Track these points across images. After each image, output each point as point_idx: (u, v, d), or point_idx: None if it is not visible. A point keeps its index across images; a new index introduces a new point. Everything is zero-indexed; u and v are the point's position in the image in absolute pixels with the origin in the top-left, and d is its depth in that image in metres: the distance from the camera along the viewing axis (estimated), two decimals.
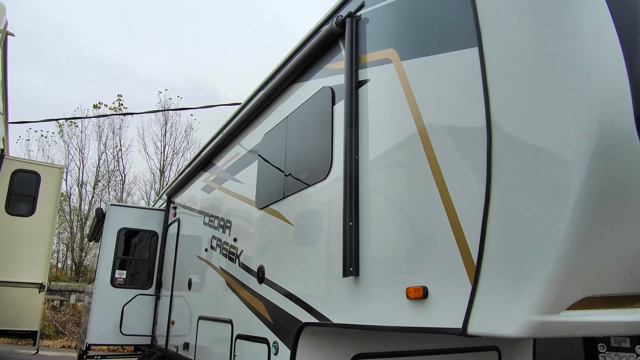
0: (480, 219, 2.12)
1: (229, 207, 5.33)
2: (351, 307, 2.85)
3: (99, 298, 8.04)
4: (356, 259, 2.84)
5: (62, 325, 19.05)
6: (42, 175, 6.56)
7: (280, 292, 3.76)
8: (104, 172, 31.13)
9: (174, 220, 8.02)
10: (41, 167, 6.77)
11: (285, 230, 3.85)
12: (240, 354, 4.37)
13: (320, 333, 3.46)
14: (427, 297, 2.31)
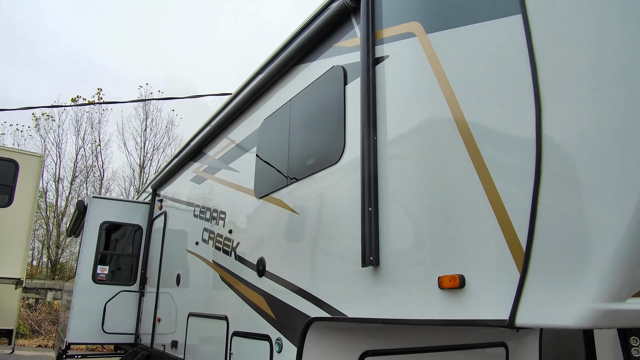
0: (528, 199, 1.92)
1: (223, 197, 5.05)
2: (370, 299, 2.62)
3: (79, 295, 7.65)
4: (376, 248, 2.62)
5: (37, 324, 18.43)
6: (21, 163, 6.16)
7: (284, 285, 3.51)
8: (81, 168, 30.34)
9: (159, 213, 7.68)
10: (20, 155, 6.37)
11: (289, 220, 3.60)
12: (238, 352, 4.11)
13: (327, 329, 3.22)
14: (464, 286, 2.10)
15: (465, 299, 2.10)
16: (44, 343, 17.18)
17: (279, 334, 3.49)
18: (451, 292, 2.16)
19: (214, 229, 5.10)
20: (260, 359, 3.67)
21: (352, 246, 2.83)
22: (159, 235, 7.43)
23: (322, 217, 3.19)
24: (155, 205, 8.01)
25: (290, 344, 3.34)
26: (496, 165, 2.10)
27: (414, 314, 2.33)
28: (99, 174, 30.66)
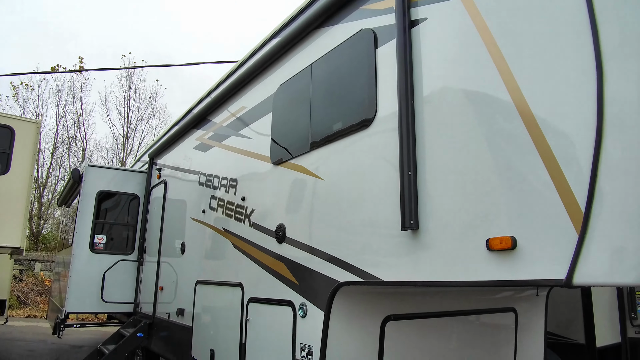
0: (586, 160, 1.92)
1: (233, 165, 4.97)
2: (408, 263, 2.63)
3: (77, 264, 7.56)
4: (416, 211, 2.61)
5: (24, 295, 18.27)
6: (17, 130, 5.96)
7: (307, 251, 3.50)
8: (63, 138, 29.65)
9: (158, 182, 7.56)
10: (15, 121, 6.15)
11: (313, 186, 3.57)
12: (255, 317, 4.12)
13: (352, 294, 3.24)
14: (516, 247, 2.11)
15: (516, 260, 2.11)
16: (32, 314, 17.08)
17: (302, 299, 3.50)
18: (501, 253, 2.17)
19: (224, 197, 5.04)
20: (282, 324, 3.69)
21: (386, 210, 2.82)
22: (159, 204, 7.33)
23: (351, 182, 3.16)
24: (153, 174, 7.88)
25: (316, 308, 3.35)
26: (550, 125, 2.09)
27: (459, 275, 2.34)
28: (82, 144, 30.02)
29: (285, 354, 3.59)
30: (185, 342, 5.51)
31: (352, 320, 3.33)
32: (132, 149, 30.06)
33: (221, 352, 4.63)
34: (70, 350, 10.80)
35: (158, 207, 7.32)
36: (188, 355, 5.38)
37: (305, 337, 3.44)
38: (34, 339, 12.12)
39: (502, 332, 4.48)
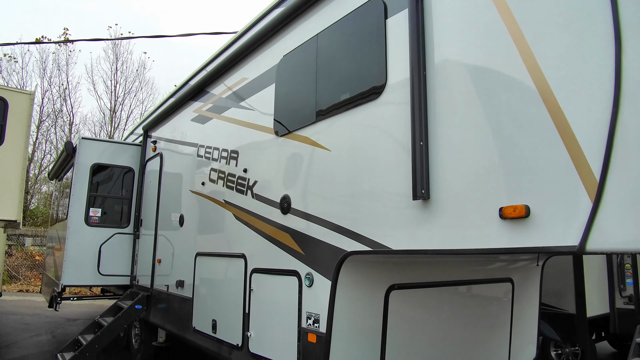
0: (601, 128, 1.94)
1: (234, 137, 4.95)
2: (419, 232, 2.66)
3: (73, 237, 7.53)
4: (427, 181, 2.63)
5: (15, 269, 18.20)
6: (10, 101, 5.83)
7: (314, 222, 3.52)
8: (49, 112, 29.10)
9: (154, 155, 7.50)
10: (8, 92, 6.00)
11: (319, 157, 3.57)
12: (259, 288, 4.16)
13: (358, 264, 3.28)
14: (529, 215, 2.15)
15: (529, 228, 2.15)
16: (24, 288, 17.06)
17: (309, 269, 3.54)
18: (514, 221, 2.21)
19: (224, 169, 5.02)
20: (287, 293, 3.73)
21: (397, 180, 2.84)
22: (154, 177, 7.29)
23: (360, 153, 3.17)
24: (148, 147, 7.81)
25: (323, 278, 3.39)
26: (566, 94, 2.10)
27: (471, 244, 2.38)
28: (68, 118, 29.52)
29: (291, 323, 3.65)
30: (186, 313, 5.57)
31: (358, 289, 3.39)
32: (119, 123, 29.66)
33: (224, 322, 4.68)
34: (66, 323, 10.85)
35: (154, 180, 7.28)
36: (189, 326, 5.44)
37: (311, 305, 3.49)
38: (28, 313, 12.14)
39: (499, 301, 4.60)
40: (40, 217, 26.41)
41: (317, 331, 3.39)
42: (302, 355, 3.51)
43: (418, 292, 3.82)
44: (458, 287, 4.18)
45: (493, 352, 4.57)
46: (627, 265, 6.97)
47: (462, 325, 4.26)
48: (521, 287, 4.72)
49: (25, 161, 6.02)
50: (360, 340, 3.44)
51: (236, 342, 4.37)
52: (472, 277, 4.31)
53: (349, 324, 3.34)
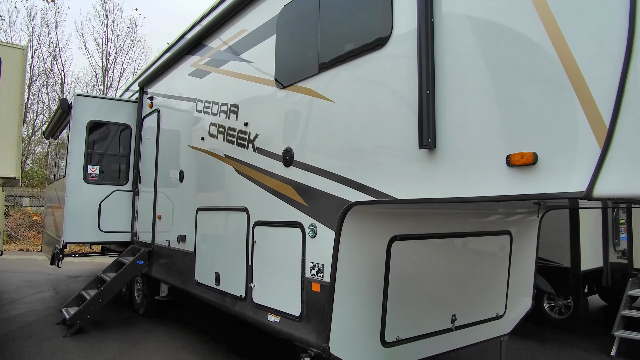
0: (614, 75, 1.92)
1: (234, 90, 4.88)
2: (425, 181, 2.67)
3: (72, 195, 7.54)
4: (434, 130, 2.62)
5: (13, 230, 18.30)
6: (3, 57, 5.69)
7: (317, 173, 3.52)
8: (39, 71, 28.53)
9: (150, 111, 7.42)
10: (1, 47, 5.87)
11: (322, 109, 3.53)
12: (262, 240, 4.21)
13: (361, 215, 3.31)
14: (537, 162, 2.15)
15: (537, 175, 2.16)
16: (24, 247, 17.21)
17: (312, 220, 3.57)
18: (521, 168, 2.21)
19: (224, 123, 4.98)
20: (290, 245, 3.78)
21: (402, 130, 2.82)
22: (152, 133, 7.23)
23: (365, 103, 3.14)
24: (145, 103, 7.71)
25: (326, 228, 3.43)
26: (577, 38, 2.07)
27: (478, 191, 2.39)
28: (60, 77, 28.98)
29: (295, 273, 3.71)
30: (188, 267, 5.65)
31: (361, 240, 3.43)
32: (112, 82, 29.19)
33: (227, 274, 4.76)
34: (67, 280, 11.01)
35: (152, 137, 7.23)
36: (192, 279, 5.53)
37: (315, 256, 3.54)
38: (30, 271, 12.30)
39: (497, 253, 4.68)
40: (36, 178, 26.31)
41: (320, 280, 3.45)
42: (306, 303, 3.59)
43: (419, 243, 3.88)
44: (458, 239, 4.25)
45: (490, 303, 4.69)
46: (622, 221, 7.07)
47: (461, 277, 4.35)
48: (519, 240, 4.80)
49: (21, 118, 5.93)
50: (363, 289, 3.51)
51: (240, 294, 4.45)
52: (472, 229, 4.37)
53: (352, 273, 3.40)
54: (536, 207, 4.46)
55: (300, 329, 3.62)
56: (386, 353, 3.69)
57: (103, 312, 7.11)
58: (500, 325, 4.83)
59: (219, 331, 6.71)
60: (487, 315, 4.65)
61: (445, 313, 4.21)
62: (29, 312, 7.65)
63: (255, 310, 4.22)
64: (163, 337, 6.38)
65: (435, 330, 4.10)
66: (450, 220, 4.11)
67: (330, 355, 3.29)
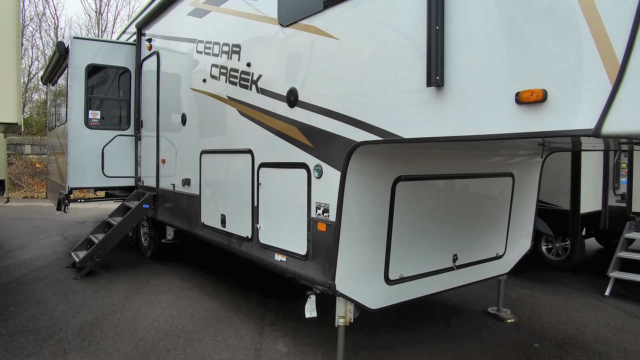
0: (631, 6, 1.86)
1: (235, 29, 4.75)
2: (432, 120, 2.65)
3: (74, 140, 7.53)
4: (442, 67, 2.57)
5: (17, 177, 18.41)
6: None
7: (322, 114, 3.50)
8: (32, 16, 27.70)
9: (150, 54, 7.27)
10: None
11: (327, 47, 3.46)
12: (267, 181, 4.24)
13: (366, 155, 3.31)
14: (546, 99, 2.13)
15: (545, 112, 2.13)
16: (28, 195, 17.38)
17: (317, 161, 3.58)
18: (530, 106, 2.19)
19: (226, 64, 4.89)
20: (296, 186, 3.81)
21: (410, 67, 2.77)
22: (152, 77, 7.12)
23: (371, 40, 3.06)
24: (143, 46, 7.54)
25: (332, 169, 3.44)
26: None
27: (486, 129, 2.38)
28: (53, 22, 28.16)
29: (300, 213, 3.76)
30: (194, 210, 5.73)
31: (367, 180, 3.45)
32: (107, 26, 28.44)
33: (233, 216, 4.83)
34: (74, 225, 11.21)
35: (152, 80, 7.12)
36: (198, 222, 5.62)
37: (320, 196, 3.58)
38: (37, 217, 12.50)
39: (499, 195, 4.73)
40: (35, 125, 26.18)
41: (326, 220, 3.51)
42: (312, 243, 3.66)
43: (423, 184, 3.91)
44: (461, 180, 4.28)
45: (491, 243, 4.78)
46: (623, 165, 7.08)
47: (463, 218, 4.41)
48: (521, 182, 4.84)
49: (19, 61, 5.81)
50: (368, 228, 3.57)
51: (246, 235, 4.54)
52: (475, 171, 4.39)
53: (358, 213, 3.45)
54: (540, 148, 4.46)
55: (306, 267, 3.72)
56: (389, 290, 3.81)
57: (111, 255, 7.28)
58: (500, 265, 4.96)
59: (225, 272, 6.90)
60: (487, 255, 4.76)
61: (447, 253, 4.30)
62: (39, 257, 7.84)
63: (261, 250, 4.31)
64: (172, 277, 6.57)
65: (437, 269, 4.21)
66: (454, 162, 4.12)
67: (336, 292, 3.40)
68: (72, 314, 5.05)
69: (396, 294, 3.88)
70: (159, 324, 4.79)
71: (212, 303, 5.49)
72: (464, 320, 5.13)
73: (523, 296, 6.01)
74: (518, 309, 5.50)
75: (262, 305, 5.43)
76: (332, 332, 3.95)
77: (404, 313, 5.12)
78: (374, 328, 4.75)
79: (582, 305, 5.69)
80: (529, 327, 4.95)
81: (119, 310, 5.18)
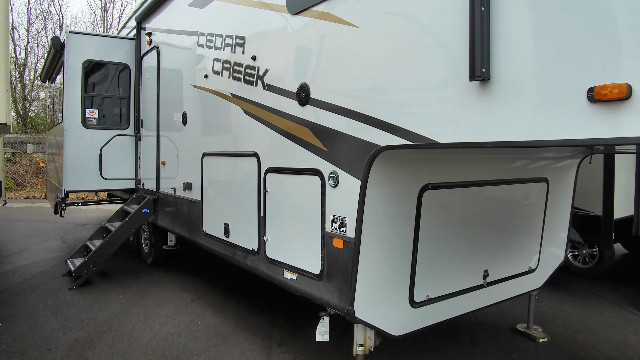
0: None
1: (239, 20, 4.30)
2: (477, 120, 2.18)
3: (70, 141, 7.10)
4: (488, 57, 2.10)
5: (20, 177, 18.11)
6: None
7: (338, 113, 3.03)
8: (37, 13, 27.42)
9: (150, 49, 6.82)
10: None
11: (344, 36, 2.99)
12: (275, 189, 3.78)
13: (389, 161, 2.85)
14: (631, 97, 1.65)
15: (631, 113, 1.66)
16: (31, 195, 17.06)
17: (333, 167, 3.12)
18: (609, 105, 1.71)
19: (229, 58, 4.43)
20: (308, 195, 3.35)
21: (446, 58, 2.30)
22: (152, 73, 6.68)
23: (397, 26, 2.59)
24: (143, 40, 7.10)
25: (350, 176, 2.98)
26: None
27: (548, 133, 1.90)
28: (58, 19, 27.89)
29: (313, 227, 3.30)
30: (196, 217, 5.29)
31: (390, 190, 2.99)
32: (112, 23, 28.10)
33: (237, 226, 4.39)
34: (75, 228, 10.82)
35: (152, 77, 6.69)
36: (199, 230, 5.18)
37: (336, 208, 3.12)
38: (37, 219, 12.13)
39: (533, 202, 4.25)
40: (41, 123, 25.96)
41: (343, 236, 3.05)
42: (327, 261, 3.20)
43: (451, 192, 3.44)
44: (492, 187, 3.80)
45: (524, 256, 4.32)
46: None
47: (494, 228, 3.95)
48: (555, 188, 4.36)
49: (7, 58, 5.41)
50: (391, 245, 3.11)
51: (251, 247, 4.09)
52: (507, 176, 3.92)
53: (380, 227, 2.99)
54: (582, 150, 3.98)
55: (320, 288, 3.26)
56: (414, 314, 3.35)
57: (110, 261, 6.87)
58: (533, 280, 4.48)
59: (229, 281, 6.46)
60: (519, 270, 4.29)
61: (478, 268, 3.83)
62: (35, 263, 7.45)
63: (268, 266, 3.86)
64: (173, 288, 6.14)
65: (467, 288, 3.74)
66: (484, 167, 3.65)
67: (355, 319, 2.94)
68: (64, 331, 4.63)
69: (422, 317, 3.41)
70: (156, 343, 4.36)
71: (216, 318, 5.05)
72: (492, 339, 4.66)
73: (552, 309, 5.52)
74: (548, 325, 5.02)
75: (270, 321, 4.98)
76: (349, 357, 3.49)
77: (426, 331, 4.65)
78: (392, 349, 4.29)
79: (618, 321, 5.19)
80: (564, 348, 4.47)
81: (114, 327, 4.75)
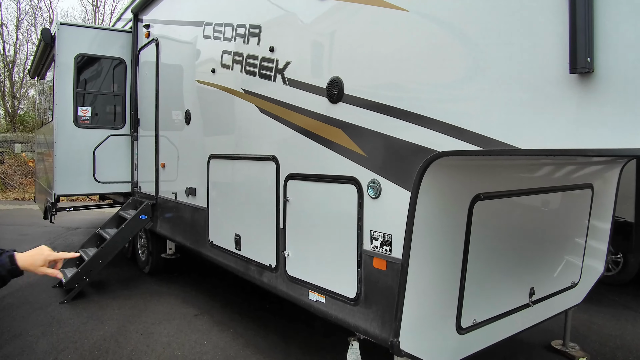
0: None
1: (252, 6, 3.84)
2: (577, 122, 1.74)
3: (61, 141, 6.60)
4: (591, 45, 1.67)
5: (8, 177, 17.47)
6: None
7: (380, 111, 2.59)
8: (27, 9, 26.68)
9: (147, 42, 6.34)
10: None
11: (389, 21, 2.54)
12: (298, 198, 3.33)
13: (441, 168, 2.41)
14: None
15: None
16: (19, 196, 16.42)
17: (374, 175, 2.67)
18: None
19: (242, 50, 3.97)
20: (341, 206, 2.91)
21: (535, 45, 1.87)
22: (151, 68, 6.20)
23: (464, 7, 2.15)
24: (140, 33, 6.61)
25: (396, 186, 2.54)
26: None
27: None
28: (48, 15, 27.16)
29: (348, 243, 2.86)
30: (201, 225, 4.82)
31: (441, 202, 2.56)
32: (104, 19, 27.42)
33: (251, 238, 3.93)
34: (66, 232, 10.26)
35: (150, 72, 6.20)
36: (205, 240, 4.71)
37: (377, 223, 2.67)
38: (26, 223, 11.55)
39: (577, 211, 3.85)
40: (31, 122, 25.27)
41: (387, 256, 2.60)
42: (365, 284, 2.76)
43: (503, 203, 3.02)
44: (539, 196, 3.38)
45: (568, 269, 3.91)
46: None
47: (540, 241, 3.54)
48: (599, 194, 3.96)
49: None
50: (441, 265, 2.68)
51: (269, 263, 3.64)
52: (554, 183, 3.52)
53: (430, 245, 2.55)
54: None
55: (355, 314, 2.82)
56: (461, 341, 2.92)
57: (104, 271, 6.36)
58: (574, 295, 4.08)
59: (233, 292, 6.00)
60: (563, 285, 3.89)
61: (524, 286, 3.42)
62: None
63: (289, 285, 3.41)
64: (173, 301, 5.66)
65: (513, 308, 3.32)
66: (532, 173, 3.25)
67: (401, 352, 2.50)
68: (55, 355, 4.15)
69: (468, 344, 2.99)
70: None
71: (224, 337, 4.58)
72: (527, 358, 4.26)
73: (583, 323, 5.13)
74: (583, 341, 4.63)
75: (285, 339, 4.53)
76: None
77: None
78: None
79: None
80: None
81: (111, 349, 4.28)
